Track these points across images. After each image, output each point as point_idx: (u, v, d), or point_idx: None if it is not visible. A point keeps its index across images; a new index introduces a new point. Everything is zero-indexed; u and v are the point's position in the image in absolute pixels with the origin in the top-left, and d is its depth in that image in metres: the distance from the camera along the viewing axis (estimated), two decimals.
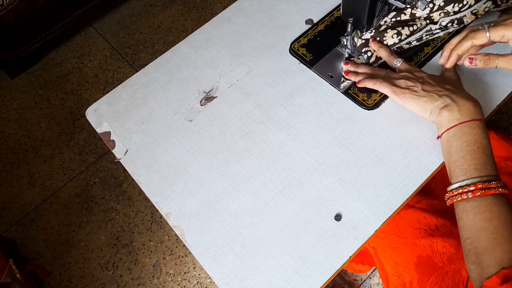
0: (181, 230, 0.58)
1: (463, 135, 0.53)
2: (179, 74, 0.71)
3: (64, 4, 1.47)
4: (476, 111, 0.54)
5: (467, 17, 0.67)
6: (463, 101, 0.54)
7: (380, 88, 0.61)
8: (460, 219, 0.52)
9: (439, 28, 0.67)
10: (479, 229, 0.49)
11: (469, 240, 0.50)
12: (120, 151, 0.65)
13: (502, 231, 0.48)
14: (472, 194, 0.50)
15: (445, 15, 0.66)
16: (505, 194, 0.51)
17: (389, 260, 0.69)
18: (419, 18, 0.66)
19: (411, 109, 0.58)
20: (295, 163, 0.60)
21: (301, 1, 0.75)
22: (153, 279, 1.20)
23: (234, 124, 0.65)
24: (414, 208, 0.68)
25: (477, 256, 0.49)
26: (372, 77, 0.62)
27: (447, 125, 0.54)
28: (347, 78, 0.65)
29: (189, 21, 1.66)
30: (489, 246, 0.48)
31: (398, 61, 0.63)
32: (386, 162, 0.58)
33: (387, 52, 0.65)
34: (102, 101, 0.70)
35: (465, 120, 0.53)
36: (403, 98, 0.58)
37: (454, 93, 0.56)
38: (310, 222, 0.56)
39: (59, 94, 1.53)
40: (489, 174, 0.51)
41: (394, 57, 0.64)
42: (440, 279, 0.63)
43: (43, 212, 1.32)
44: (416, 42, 0.67)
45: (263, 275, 0.53)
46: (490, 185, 0.50)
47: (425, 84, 0.58)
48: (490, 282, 0.47)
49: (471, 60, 0.56)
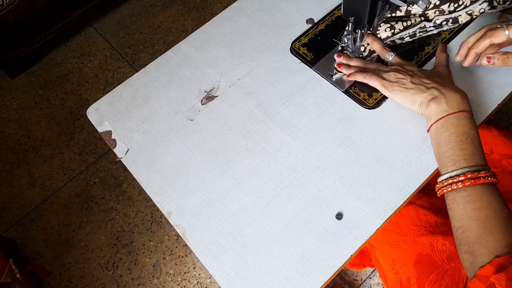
0: (182, 229, 0.58)
1: (451, 126, 0.53)
2: (180, 73, 0.71)
3: (64, 4, 1.47)
4: (463, 103, 0.54)
5: (462, 17, 0.67)
6: (451, 93, 0.55)
7: (370, 82, 0.62)
8: (451, 209, 0.52)
9: (433, 26, 0.67)
10: (470, 218, 0.50)
11: (460, 229, 0.51)
12: (121, 150, 0.65)
13: (493, 220, 0.49)
14: (462, 184, 0.50)
15: (440, 14, 0.66)
16: (494, 183, 0.51)
17: (387, 257, 0.69)
18: (414, 14, 0.67)
19: (400, 101, 0.59)
20: (296, 162, 0.60)
21: (301, 1, 0.76)
22: (153, 279, 1.20)
23: (235, 123, 0.65)
24: (414, 205, 0.69)
25: (469, 246, 0.49)
26: (363, 70, 0.63)
27: (435, 117, 0.55)
28: (339, 70, 0.66)
29: (189, 21, 1.66)
30: (481, 235, 0.48)
31: (390, 55, 0.64)
32: (387, 161, 0.59)
33: (381, 45, 0.66)
34: (103, 100, 0.70)
35: (453, 112, 0.54)
36: (392, 91, 0.59)
37: (442, 85, 0.56)
38: (311, 221, 0.56)
39: (59, 94, 1.53)
40: (478, 164, 0.51)
41: (387, 51, 0.65)
42: (439, 277, 0.63)
43: (43, 212, 1.31)
44: (409, 38, 0.68)
45: (264, 273, 0.53)
46: (479, 174, 0.50)
47: (414, 77, 0.59)
48: (483, 270, 0.47)
49: (489, 59, 0.56)
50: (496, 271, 0.45)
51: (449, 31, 0.68)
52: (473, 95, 0.62)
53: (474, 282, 0.48)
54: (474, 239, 0.49)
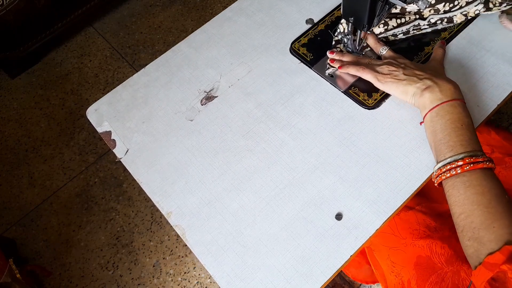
0: (182, 230, 0.58)
1: (447, 114, 0.54)
2: (179, 73, 0.71)
3: (64, 4, 1.47)
4: (456, 92, 0.55)
5: (457, 17, 0.67)
6: (444, 82, 0.56)
7: (363, 75, 0.62)
8: (451, 195, 0.52)
9: (428, 24, 0.67)
10: (473, 203, 0.49)
11: (462, 215, 0.50)
12: (120, 151, 0.65)
13: (496, 205, 0.48)
14: (460, 169, 0.50)
15: (435, 13, 0.66)
16: (492, 168, 0.51)
17: (386, 260, 0.69)
18: (409, 12, 0.67)
19: (393, 93, 0.60)
20: (295, 163, 0.60)
21: (301, 1, 0.76)
22: (153, 279, 1.20)
23: (235, 124, 0.65)
24: (414, 210, 0.69)
25: (473, 231, 0.48)
26: (356, 64, 0.64)
27: (430, 105, 0.55)
28: (332, 65, 0.66)
29: (189, 21, 1.66)
30: (486, 221, 0.48)
31: (383, 48, 0.65)
32: (387, 161, 0.59)
33: (374, 40, 0.66)
34: (102, 100, 0.70)
35: (447, 100, 0.54)
36: (384, 83, 0.60)
37: (435, 76, 0.57)
38: (311, 221, 0.56)
39: (59, 94, 1.53)
40: (475, 149, 0.51)
41: (381, 45, 0.66)
42: (440, 279, 0.63)
43: (43, 212, 1.32)
44: (402, 35, 0.68)
45: (264, 274, 0.53)
46: (478, 159, 0.50)
47: (407, 69, 0.60)
48: (492, 258, 0.46)
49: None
50: (507, 260, 0.44)
51: (449, 31, 0.68)
52: (473, 95, 0.62)
53: (480, 270, 0.47)
54: (479, 225, 0.48)
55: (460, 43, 0.67)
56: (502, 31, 0.68)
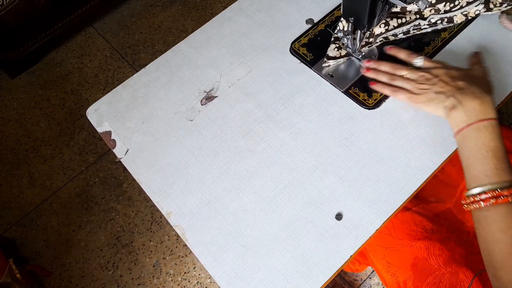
0: (182, 230, 0.58)
1: (471, 139, 0.51)
2: (179, 73, 0.71)
3: (64, 4, 1.47)
4: (482, 110, 0.52)
5: (457, 17, 0.67)
6: (468, 101, 0.52)
7: (397, 97, 0.61)
8: (477, 228, 0.50)
9: (428, 24, 0.67)
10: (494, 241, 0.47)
11: (486, 251, 0.49)
12: (120, 151, 0.65)
13: None
14: (484, 202, 0.48)
15: (435, 12, 0.66)
16: None
17: (381, 260, 0.69)
18: (410, 12, 0.67)
19: (427, 111, 0.58)
20: (296, 163, 0.60)
21: (301, 1, 0.76)
22: (153, 279, 1.20)
23: (235, 124, 0.65)
24: (411, 211, 0.69)
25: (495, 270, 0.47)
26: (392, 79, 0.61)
27: (456, 128, 0.53)
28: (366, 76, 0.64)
29: (189, 21, 1.66)
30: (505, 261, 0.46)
31: (418, 60, 0.62)
32: (387, 161, 0.58)
33: (405, 53, 0.64)
34: (102, 100, 0.70)
35: (471, 122, 0.52)
36: (417, 104, 0.58)
37: (462, 93, 0.54)
38: (311, 221, 0.56)
39: (59, 94, 1.53)
40: (502, 180, 0.48)
41: (414, 57, 0.62)
42: (437, 281, 0.63)
43: (43, 212, 1.32)
44: (402, 35, 0.68)
45: (264, 274, 0.53)
46: (502, 192, 0.47)
47: (438, 84, 0.57)
48: None
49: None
50: None
51: (449, 31, 0.68)
52: None
53: None
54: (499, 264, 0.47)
55: (460, 43, 0.67)
56: (502, 31, 0.68)
